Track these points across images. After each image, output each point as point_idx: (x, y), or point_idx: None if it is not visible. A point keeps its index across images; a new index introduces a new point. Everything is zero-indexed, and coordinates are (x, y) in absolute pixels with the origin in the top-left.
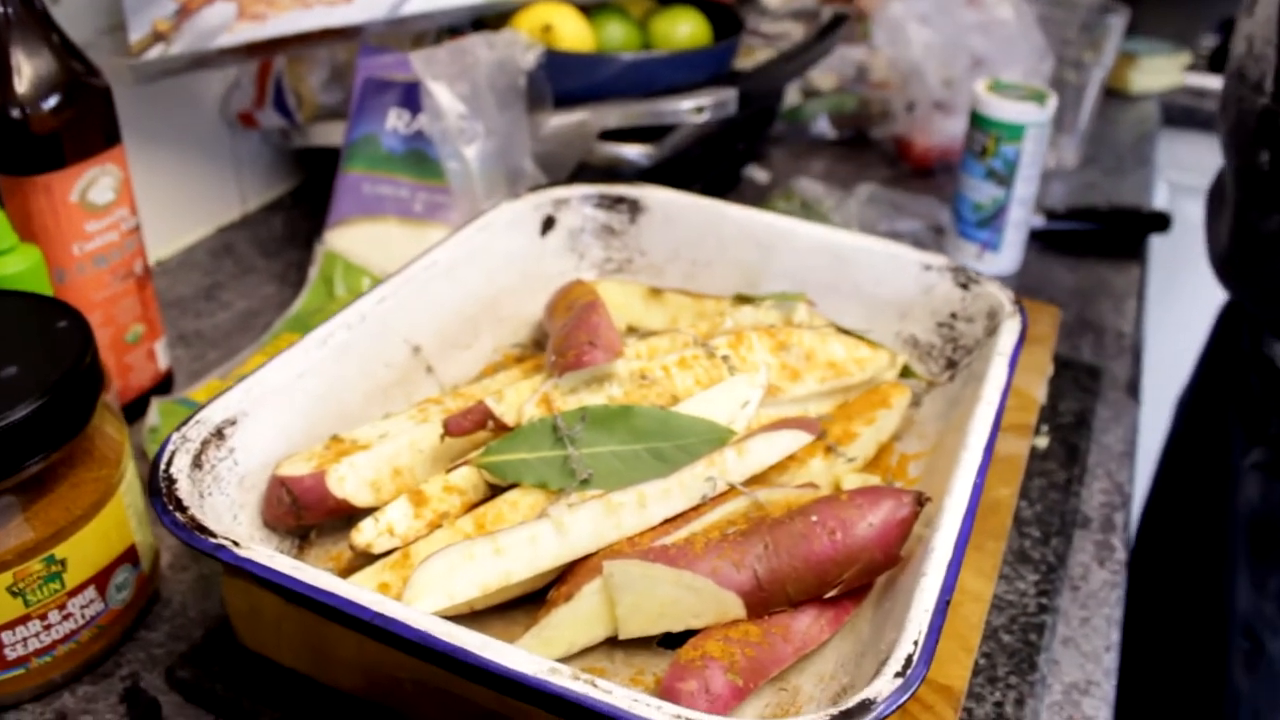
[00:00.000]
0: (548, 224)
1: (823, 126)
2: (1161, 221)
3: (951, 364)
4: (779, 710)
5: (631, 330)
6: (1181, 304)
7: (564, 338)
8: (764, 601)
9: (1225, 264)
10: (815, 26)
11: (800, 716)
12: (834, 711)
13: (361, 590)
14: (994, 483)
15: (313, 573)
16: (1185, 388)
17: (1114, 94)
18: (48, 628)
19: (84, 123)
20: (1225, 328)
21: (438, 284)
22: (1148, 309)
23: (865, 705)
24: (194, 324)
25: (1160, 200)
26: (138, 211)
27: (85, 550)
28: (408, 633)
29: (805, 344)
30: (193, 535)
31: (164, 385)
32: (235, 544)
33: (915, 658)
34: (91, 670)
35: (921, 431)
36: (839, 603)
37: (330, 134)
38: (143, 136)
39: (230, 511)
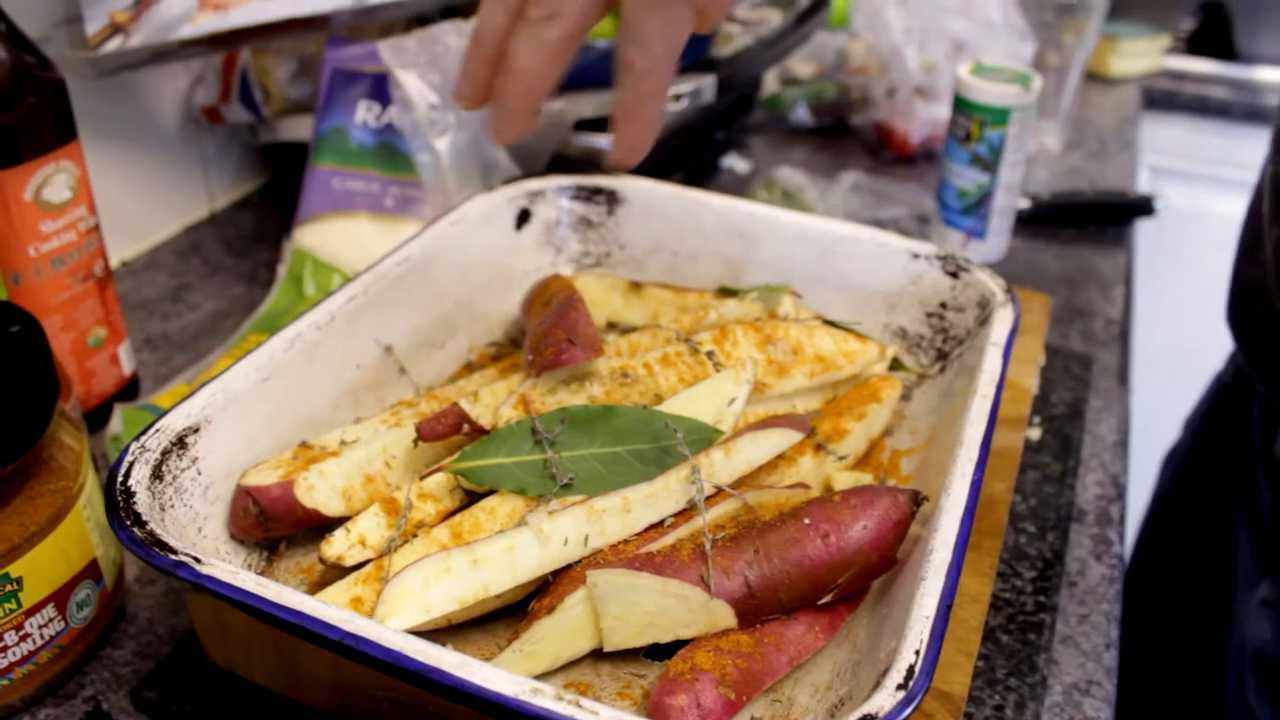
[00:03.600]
0: (523, 217)
1: (802, 114)
2: (1147, 205)
3: (942, 355)
4: None
5: (611, 326)
6: (1167, 289)
7: (541, 335)
8: (755, 609)
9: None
10: (793, 12)
11: None
12: None
13: (330, 607)
14: (989, 478)
15: (278, 589)
16: (1175, 447)
17: (1094, 78)
18: (4, 650)
19: (37, 118)
20: (1226, 403)
21: (410, 281)
22: (1134, 296)
23: None
24: (160, 326)
25: (1142, 185)
26: (97, 210)
27: (43, 567)
28: (380, 653)
29: (792, 337)
30: (151, 552)
31: (129, 391)
32: (196, 560)
33: (918, 668)
34: (53, 692)
35: (913, 426)
36: (833, 609)
37: (299, 128)
38: (104, 133)
39: (194, 525)
